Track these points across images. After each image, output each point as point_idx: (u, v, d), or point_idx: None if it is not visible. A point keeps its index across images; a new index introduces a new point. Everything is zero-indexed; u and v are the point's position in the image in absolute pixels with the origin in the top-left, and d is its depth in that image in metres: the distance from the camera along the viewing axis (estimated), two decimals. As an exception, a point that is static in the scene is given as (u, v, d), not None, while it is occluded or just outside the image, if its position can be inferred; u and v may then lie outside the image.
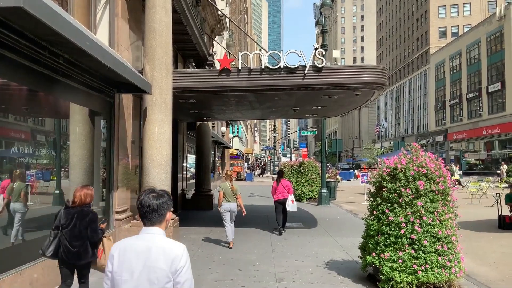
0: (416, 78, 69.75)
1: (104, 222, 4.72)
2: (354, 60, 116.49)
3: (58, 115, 6.27)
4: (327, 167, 23.50)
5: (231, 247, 8.40)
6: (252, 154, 72.89)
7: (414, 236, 5.37)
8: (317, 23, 18.49)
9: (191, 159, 18.39)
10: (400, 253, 5.39)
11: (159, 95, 7.80)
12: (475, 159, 49.47)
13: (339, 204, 17.21)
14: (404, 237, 5.41)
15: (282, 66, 8.65)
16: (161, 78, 7.85)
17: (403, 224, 5.43)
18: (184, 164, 16.32)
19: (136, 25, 8.85)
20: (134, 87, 7.15)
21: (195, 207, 14.72)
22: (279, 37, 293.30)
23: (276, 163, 62.78)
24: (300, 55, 8.59)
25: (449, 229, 5.49)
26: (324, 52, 11.70)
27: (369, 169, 36.92)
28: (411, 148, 6.04)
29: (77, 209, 4.24)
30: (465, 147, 52.49)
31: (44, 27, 3.99)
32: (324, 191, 16.44)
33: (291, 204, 10.04)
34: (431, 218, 5.42)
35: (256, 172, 54.05)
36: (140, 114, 8.84)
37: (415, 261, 5.31)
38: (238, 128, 45.29)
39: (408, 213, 5.46)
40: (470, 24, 57.36)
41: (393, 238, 5.49)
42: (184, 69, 13.12)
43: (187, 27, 10.86)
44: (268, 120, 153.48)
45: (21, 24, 4.45)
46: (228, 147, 35.90)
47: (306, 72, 8.57)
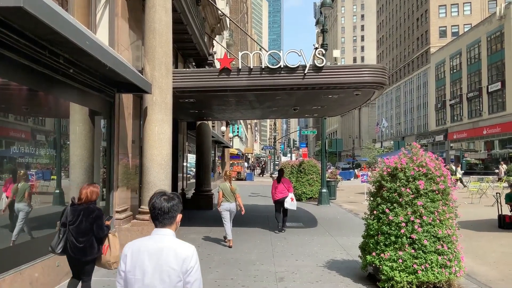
0: (416, 77, 69.71)
1: (110, 219, 4.81)
2: (354, 59, 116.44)
3: (58, 115, 6.27)
4: (327, 167, 23.49)
5: (231, 246, 8.41)
6: (252, 153, 72.86)
7: (414, 236, 5.37)
8: (317, 23, 18.50)
9: (191, 158, 18.40)
10: (400, 253, 5.39)
11: (159, 94, 7.80)
12: (475, 159, 49.40)
13: (339, 204, 17.20)
14: (404, 237, 5.41)
15: (282, 66, 8.65)
16: (161, 77, 7.85)
17: (403, 224, 5.43)
18: (184, 164, 16.33)
19: (136, 25, 8.84)
20: (134, 86, 7.15)
21: (195, 207, 14.71)
22: (279, 36, 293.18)
23: (276, 162, 62.79)
24: (300, 54, 8.59)
25: (449, 228, 5.49)
26: (324, 52, 11.69)
27: (369, 169, 36.97)
28: (411, 148, 6.03)
29: (83, 206, 4.34)
30: (465, 147, 52.43)
31: (44, 26, 3.99)
32: (324, 190, 16.43)
33: (290, 201, 10.03)
34: (431, 218, 5.42)
35: (256, 171, 54.06)
36: (140, 113, 8.84)
37: (415, 260, 5.31)
38: (238, 128, 45.30)
39: (408, 213, 5.46)
40: (470, 24, 57.26)
41: (393, 238, 5.49)
42: (184, 69, 13.12)
43: (187, 26, 10.86)
44: (268, 120, 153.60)
45: (21, 23, 4.45)
46: (228, 147, 35.90)
47: (306, 71, 8.58)
